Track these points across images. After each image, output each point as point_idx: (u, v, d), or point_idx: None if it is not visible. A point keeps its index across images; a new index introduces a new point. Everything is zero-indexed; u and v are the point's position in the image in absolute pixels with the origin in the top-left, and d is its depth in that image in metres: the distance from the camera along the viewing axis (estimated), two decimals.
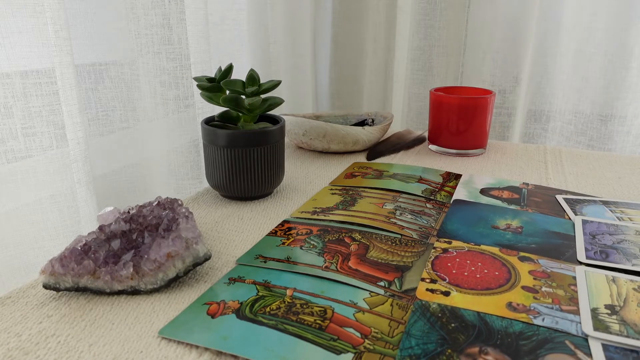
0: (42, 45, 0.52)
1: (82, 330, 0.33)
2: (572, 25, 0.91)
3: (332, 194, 0.56)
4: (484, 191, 0.57)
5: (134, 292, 0.37)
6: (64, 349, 0.31)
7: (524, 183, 0.59)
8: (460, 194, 0.56)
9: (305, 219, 0.49)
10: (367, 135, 0.70)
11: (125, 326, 0.33)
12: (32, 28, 0.51)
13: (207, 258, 0.39)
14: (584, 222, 0.49)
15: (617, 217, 0.50)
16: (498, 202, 0.53)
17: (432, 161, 0.68)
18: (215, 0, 0.79)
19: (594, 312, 0.34)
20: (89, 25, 0.63)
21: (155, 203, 0.44)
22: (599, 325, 0.33)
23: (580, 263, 0.41)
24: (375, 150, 0.72)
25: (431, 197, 0.55)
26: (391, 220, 0.48)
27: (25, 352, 0.31)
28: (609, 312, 0.34)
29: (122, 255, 0.37)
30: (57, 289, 0.36)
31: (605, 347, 0.30)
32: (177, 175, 0.72)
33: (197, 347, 0.31)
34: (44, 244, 0.56)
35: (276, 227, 0.48)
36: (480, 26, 0.98)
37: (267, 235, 0.46)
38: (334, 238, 0.45)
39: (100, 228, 0.40)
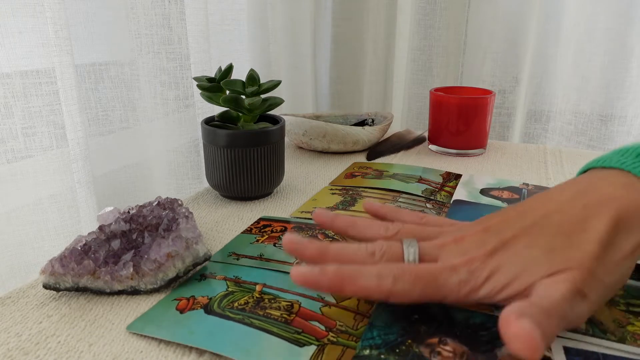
0: (42, 45, 0.52)
1: (82, 330, 0.33)
2: (572, 25, 0.91)
3: (332, 193, 0.56)
4: (484, 191, 0.57)
5: (134, 292, 0.37)
6: (64, 349, 0.31)
7: (524, 183, 0.59)
8: (460, 194, 0.56)
9: (305, 219, 0.49)
10: (367, 135, 0.70)
11: (125, 326, 0.33)
12: (32, 28, 0.51)
13: (207, 258, 0.39)
14: None
15: None
16: (498, 202, 0.53)
17: (432, 161, 0.68)
18: (215, 0, 0.79)
19: None
20: (89, 25, 0.63)
21: (155, 203, 0.44)
22: None
23: None
24: (375, 150, 0.72)
25: (431, 197, 0.55)
26: None
27: (25, 352, 0.31)
28: None
29: (122, 255, 0.37)
30: (57, 289, 0.36)
31: (567, 350, 0.30)
32: (177, 175, 0.72)
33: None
34: (44, 244, 0.56)
35: (252, 224, 0.48)
36: (480, 26, 0.98)
37: (241, 233, 0.46)
38: (307, 235, 0.45)
39: (100, 228, 0.40)
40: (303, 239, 0.34)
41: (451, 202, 0.54)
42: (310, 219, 0.49)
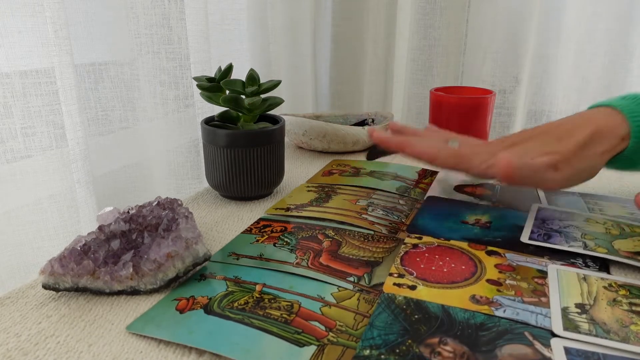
0: (41, 45, 0.52)
1: (81, 330, 0.33)
2: (573, 25, 0.91)
3: (308, 191, 0.56)
4: (458, 188, 0.57)
5: (134, 292, 0.37)
6: (63, 349, 0.31)
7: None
8: (434, 190, 0.57)
9: (280, 215, 0.49)
10: (367, 135, 0.70)
11: (124, 326, 0.33)
12: (32, 28, 0.51)
13: (207, 258, 0.38)
14: (540, 208, 0.50)
15: (589, 208, 0.51)
16: (470, 199, 0.54)
17: None
18: (215, 0, 0.79)
19: (565, 311, 0.34)
20: (88, 25, 0.63)
21: (155, 203, 0.44)
22: (569, 324, 0.33)
23: (522, 244, 0.43)
24: (376, 150, 0.72)
25: (405, 194, 0.55)
26: (362, 216, 0.49)
27: (25, 352, 0.31)
28: (579, 311, 0.34)
29: (121, 256, 0.37)
30: (56, 289, 0.36)
31: (567, 350, 0.30)
32: (177, 175, 0.72)
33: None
34: (44, 244, 0.56)
35: (252, 224, 0.48)
36: (480, 26, 0.98)
37: (241, 233, 0.46)
38: (307, 235, 0.45)
39: (100, 228, 0.40)
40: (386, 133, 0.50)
41: (425, 198, 0.54)
42: (284, 215, 0.49)
